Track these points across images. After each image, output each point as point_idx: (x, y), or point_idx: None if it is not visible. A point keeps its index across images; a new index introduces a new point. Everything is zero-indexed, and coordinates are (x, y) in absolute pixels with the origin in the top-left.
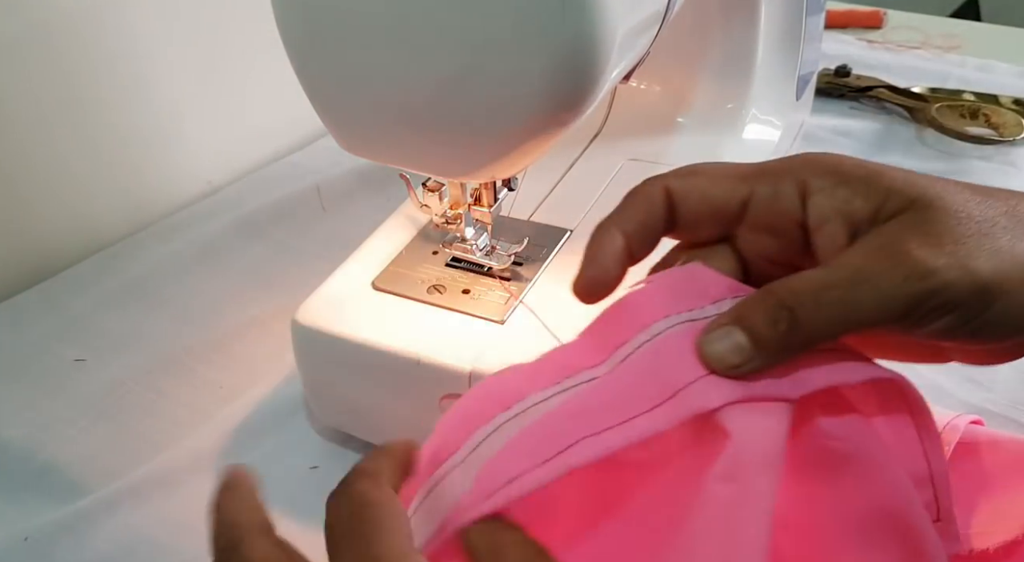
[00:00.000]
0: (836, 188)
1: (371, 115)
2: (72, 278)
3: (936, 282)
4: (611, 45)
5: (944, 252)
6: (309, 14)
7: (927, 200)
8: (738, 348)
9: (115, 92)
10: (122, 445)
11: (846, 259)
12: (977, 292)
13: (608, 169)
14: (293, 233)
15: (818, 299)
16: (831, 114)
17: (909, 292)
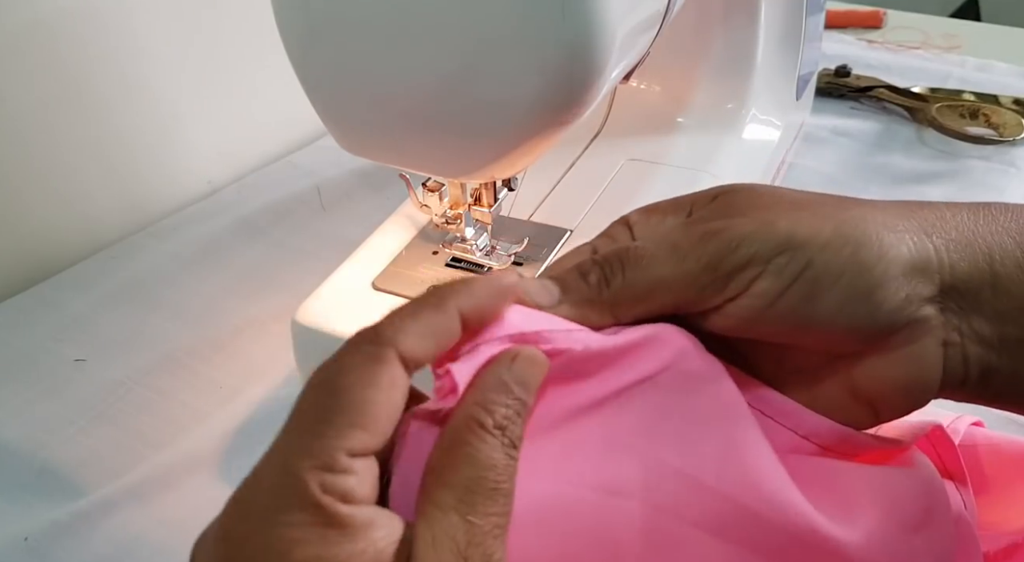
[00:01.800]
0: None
1: (371, 115)
2: (72, 278)
3: (731, 235)
4: (611, 45)
5: (743, 216)
6: (309, 14)
7: (733, 189)
8: (546, 291)
9: (115, 92)
10: (122, 445)
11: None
12: (781, 244)
13: (608, 169)
14: (293, 233)
15: (623, 259)
16: (831, 114)
17: (705, 247)
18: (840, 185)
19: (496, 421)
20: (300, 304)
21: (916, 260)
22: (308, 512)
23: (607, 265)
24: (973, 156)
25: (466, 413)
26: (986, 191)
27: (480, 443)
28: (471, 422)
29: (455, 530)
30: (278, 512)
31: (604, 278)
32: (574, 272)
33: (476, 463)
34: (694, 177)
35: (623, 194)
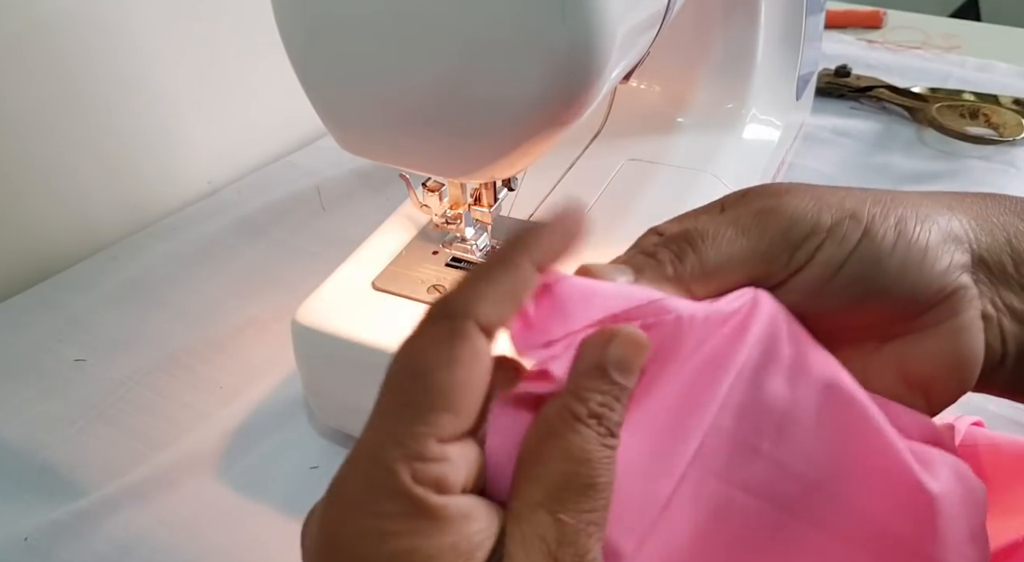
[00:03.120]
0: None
1: (371, 115)
2: (72, 278)
3: (792, 210)
4: (611, 45)
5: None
6: (309, 14)
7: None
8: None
9: (115, 92)
10: (122, 445)
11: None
12: (841, 213)
13: (608, 169)
14: (293, 233)
15: (690, 240)
16: (831, 114)
17: (765, 229)
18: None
19: (591, 410)
20: (300, 304)
21: (949, 231)
22: (400, 503)
23: (675, 245)
24: (973, 156)
25: (559, 401)
26: (986, 191)
27: (573, 435)
28: (564, 412)
29: (544, 529)
30: (371, 502)
31: (676, 256)
32: (643, 254)
33: (568, 457)
34: (694, 177)
35: (623, 194)
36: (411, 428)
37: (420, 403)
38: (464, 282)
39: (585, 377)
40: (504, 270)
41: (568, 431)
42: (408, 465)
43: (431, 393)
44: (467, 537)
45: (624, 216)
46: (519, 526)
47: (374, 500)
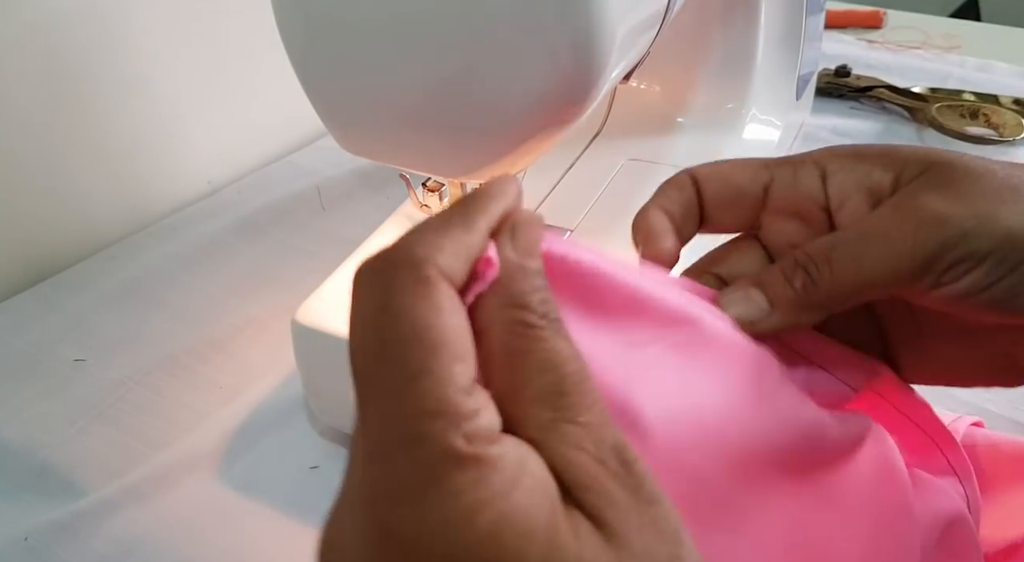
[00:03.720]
0: (855, 165)
1: (371, 115)
2: (72, 278)
3: (952, 231)
4: (611, 45)
5: (962, 202)
6: (309, 14)
7: (945, 161)
8: (755, 305)
9: (115, 92)
10: (122, 445)
11: (860, 221)
12: (1003, 240)
13: (608, 169)
14: (293, 233)
15: (830, 257)
16: (831, 114)
17: (923, 243)
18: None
19: (538, 311)
20: (300, 304)
21: None
22: (471, 471)
23: (812, 265)
24: None
25: (503, 319)
26: None
27: (539, 343)
28: (516, 327)
29: (579, 438)
30: (439, 485)
31: (811, 280)
32: (778, 276)
33: (549, 366)
34: None
35: (623, 194)
36: (437, 392)
37: (431, 363)
38: (418, 231)
39: (514, 281)
40: (459, 229)
41: (533, 343)
42: (458, 430)
43: (437, 349)
44: (532, 473)
45: (624, 216)
46: (555, 449)
47: (441, 479)
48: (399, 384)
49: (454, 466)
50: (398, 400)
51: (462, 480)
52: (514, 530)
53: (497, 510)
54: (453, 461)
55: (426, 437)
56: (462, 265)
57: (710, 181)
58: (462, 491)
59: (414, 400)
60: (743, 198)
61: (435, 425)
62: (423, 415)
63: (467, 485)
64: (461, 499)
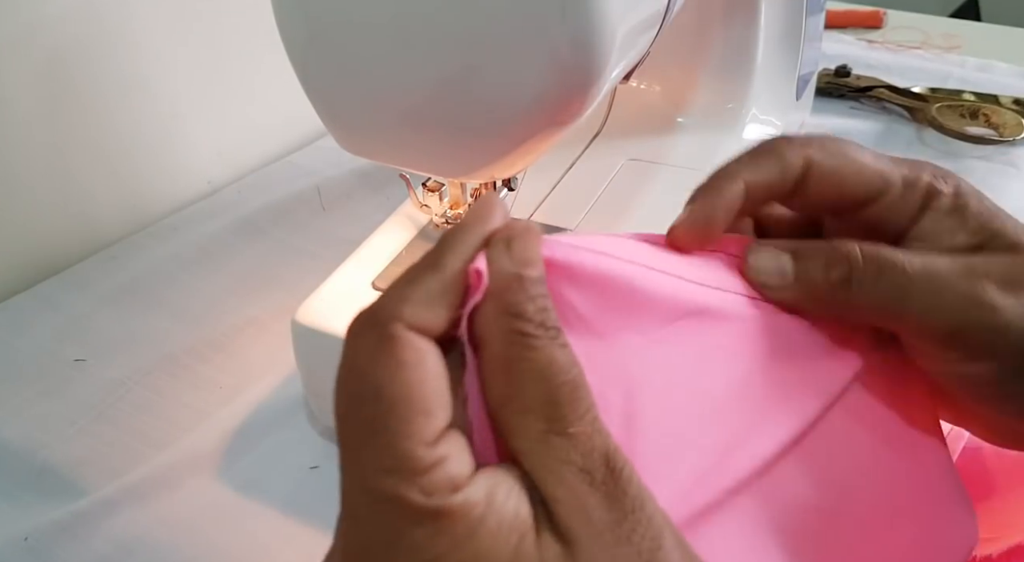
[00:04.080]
0: (950, 214)
1: (371, 115)
2: (72, 278)
3: (996, 319)
4: (611, 45)
5: (1019, 298)
6: (309, 14)
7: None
8: (780, 270)
9: (115, 92)
10: (122, 445)
11: (929, 257)
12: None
13: (608, 169)
14: (293, 233)
15: (882, 270)
16: (831, 114)
17: (966, 312)
18: None
19: (534, 320)
20: (300, 304)
21: None
22: (427, 524)
23: (859, 268)
24: (973, 156)
25: (499, 329)
26: (986, 191)
27: (534, 353)
28: (511, 336)
29: (566, 451)
30: (397, 541)
31: (848, 281)
32: (820, 257)
33: (544, 375)
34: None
35: (623, 194)
36: (393, 449)
37: (388, 420)
38: (389, 288)
39: (509, 293)
40: (427, 272)
41: (528, 351)
42: (413, 484)
43: (395, 405)
44: (499, 511)
45: (624, 216)
46: (540, 462)
47: (400, 536)
48: (358, 442)
49: (412, 521)
50: (359, 457)
51: (420, 535)
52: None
53: (465, 558)
54: (410, 516)
55: (384, 493)
56: (436, 309)
57: (825, 179)
58: (421, 546)
59: (372, 457)
60: (848, 202)
61: (390, 481)
62: (380, 472)
63: (425, 540)
64: (420, 554)
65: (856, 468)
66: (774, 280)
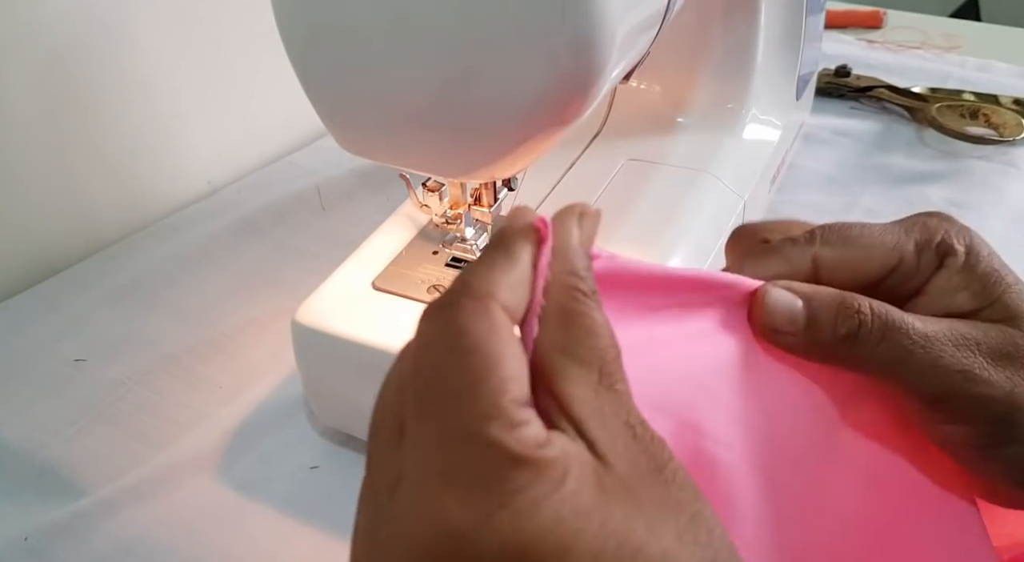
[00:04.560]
0: (957, 274)
1: (371, 115)
2: (72, 278)
3: (983, 391)
4: (611, 45)
5: (1005, 372)
6: (309, 15)
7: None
8: (791, 317)
9: (115, 92)
10: (122, 445)
11: (929, 320)
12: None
13: (608, 169)
14: (293, 233)
15: (887, 332)
16: (831, 114)
17: (957, 382)
18: (840, 185)
19: (591, 287)
20: (300, 304)
21: None
22: (527, 470)
23: (866, 327)
24: (973, 156)
25: (564, 284)
26: (986, 191)
27: (593, 312)
28: (574, 292)
29: (614, 405)
30: (500, 485)
31: (854, 336)
32: (832, 309)
33: (598, 332)
34: (694, 177)
35: (623, 194)
36: (493, 400)
37: (490, 375)
38: (474, 269)
39: (577, 257)
40: (507, 262)
41: (585, 307)
42: (510, 433)
43: (497, 363)
44: (579, 458)
45: (624, 216)
46: (594, 410)
47: (501, 480)
48: (458, 390)
49: (512, 466)
50: (458, 405)
51: (522, 478)
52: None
53: (555, 508)
54: (511, 461)
55: (488, 438)
56: (518, 296)
57: (834, 274)
58: (522, 489)
59: (473, 405)
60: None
61: (494, 427)
62: (483, 418)
63: (527, 482)
64: (523, 498)
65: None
66: (784, 325)
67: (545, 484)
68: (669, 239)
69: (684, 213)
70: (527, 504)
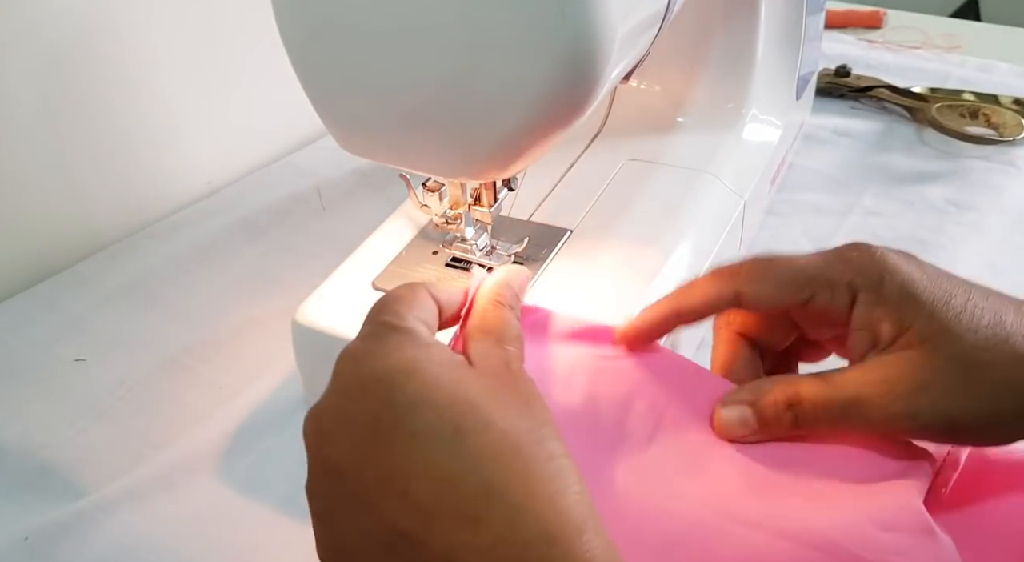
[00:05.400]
0: (874, 307)
1: (371, 115)
2: (72, 278)
3: (916, 424)
4: (611, 45)
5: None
6: (310, 15)
7: (935, 344)
8: (744, 422)
9: (115, 92)
10: (122, 445)
11: (850, 381)
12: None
13: (608, 169)
14: (293, 233)
15: (816, 411)
16: (831, 114)
17: (894, 425)
18: (840, 185)
19: (506, 300)
20: (300, 304)
21: None
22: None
23: (804, 415)
24: (973, 156)
25: (488, 299)
26: (986, 191)
27: (502, 309)
28: (493, 302)
29: (497, 352)
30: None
31: (796, 419)
32: (772, 408)
33: (501, 318)
34: (694, 177)
35: (623, 194)
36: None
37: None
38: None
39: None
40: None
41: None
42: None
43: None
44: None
45: (624, 216)
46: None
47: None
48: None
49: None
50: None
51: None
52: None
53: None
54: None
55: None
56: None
57: (754, 303)
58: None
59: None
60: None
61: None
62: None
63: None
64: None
65: None
66: (740, 432)
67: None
68: (669, 239)
69: (684, 213)
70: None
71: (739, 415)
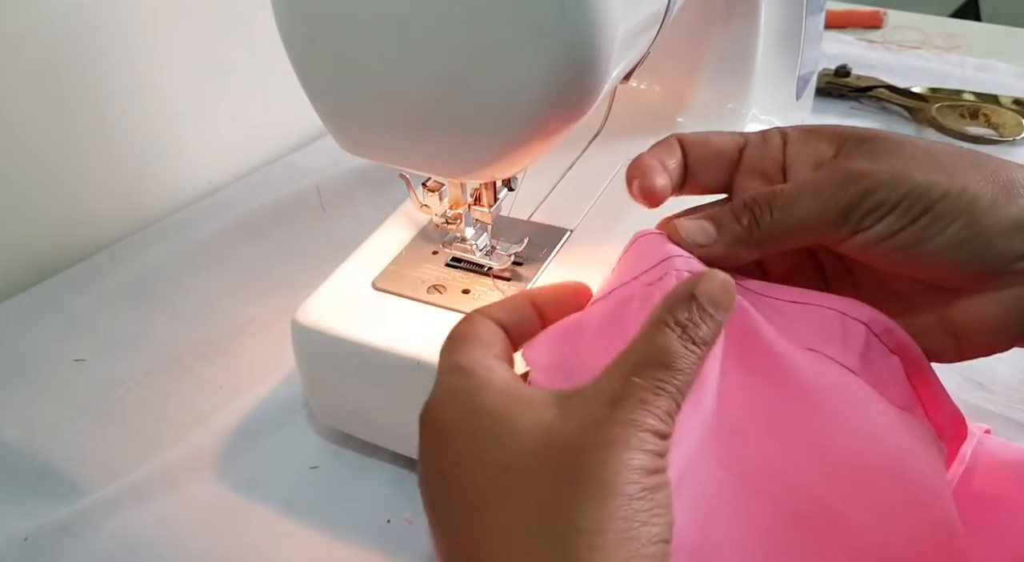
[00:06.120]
0: (808, 138)
1: (371, 115)
2: (72, 278)
3: (869, 182)
4: (611, 45)
5: (881, 162)
6: (309, 14)
7: (877, 137)
8: (704, 231)
9: (115, 92)
10: (122, 445)
11: (802, 177)
12: (910, 191)
13: (608, 169)
14: (293, 233)
15: (772, 202)
16: (831, 114)
17: (844, 194)
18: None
19: (677, 320)
20: (300, 304)
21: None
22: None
23: (757, 208)
24: None
25: (653, 318)
26: None
27: (657, 333)
28: (656, 323)
29: (614, 385)
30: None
31: (755, 219)
32: (728, 213)
33: (651, 343)
34: None
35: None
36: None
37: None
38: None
39: (676, 301)
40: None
41: (654, 331)
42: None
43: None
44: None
45: (624, 216)
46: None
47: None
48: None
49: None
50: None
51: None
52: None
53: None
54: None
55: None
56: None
57: (695, 145)
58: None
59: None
60: (722, 159)
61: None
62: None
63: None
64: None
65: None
66: (703, 239)
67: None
68: None
69: None
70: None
71: (697, 225)
